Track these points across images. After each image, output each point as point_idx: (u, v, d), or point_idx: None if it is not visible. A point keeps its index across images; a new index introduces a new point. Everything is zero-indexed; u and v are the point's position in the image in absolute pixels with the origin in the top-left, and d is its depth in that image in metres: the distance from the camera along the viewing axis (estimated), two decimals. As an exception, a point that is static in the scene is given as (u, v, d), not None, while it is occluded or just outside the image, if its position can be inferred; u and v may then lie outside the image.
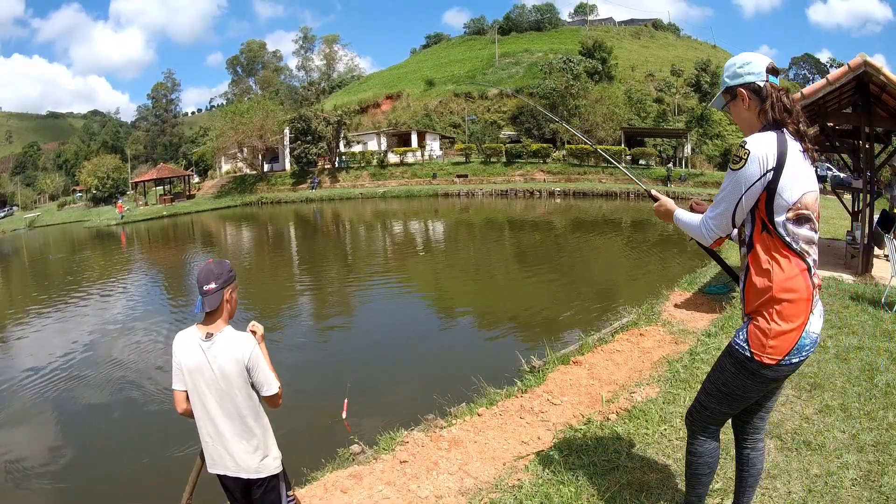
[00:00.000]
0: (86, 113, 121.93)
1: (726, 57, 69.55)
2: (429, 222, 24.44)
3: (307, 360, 7.47)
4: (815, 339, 1.82)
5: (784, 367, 1.81)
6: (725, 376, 1.91)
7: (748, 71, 1.86)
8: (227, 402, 2.16)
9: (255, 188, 40.29)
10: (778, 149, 1.75)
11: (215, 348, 2.12)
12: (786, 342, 1.77)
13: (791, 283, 1.77)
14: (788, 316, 1.77)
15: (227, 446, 2.20)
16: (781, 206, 1.76)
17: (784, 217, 1.76)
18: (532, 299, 9.82)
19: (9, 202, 60.84)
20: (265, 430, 2.30)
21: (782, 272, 1.77)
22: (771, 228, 1.79)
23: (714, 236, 1.89)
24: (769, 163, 1.74)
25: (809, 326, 1.78)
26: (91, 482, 4.74)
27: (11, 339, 9.53)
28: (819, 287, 1.83)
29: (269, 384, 2.21)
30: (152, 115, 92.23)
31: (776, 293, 1.77)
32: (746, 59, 1.89)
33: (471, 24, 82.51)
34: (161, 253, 20.78)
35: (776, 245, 1.79)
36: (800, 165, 1.77)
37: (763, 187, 1.76)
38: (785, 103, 1.81)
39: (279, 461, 2.35)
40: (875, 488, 2.35)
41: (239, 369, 2.13)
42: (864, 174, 6.78)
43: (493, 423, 4.16)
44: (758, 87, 1.84)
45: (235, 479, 2.24)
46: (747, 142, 1.78)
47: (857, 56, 5.86)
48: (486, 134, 40.59)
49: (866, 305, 5.04)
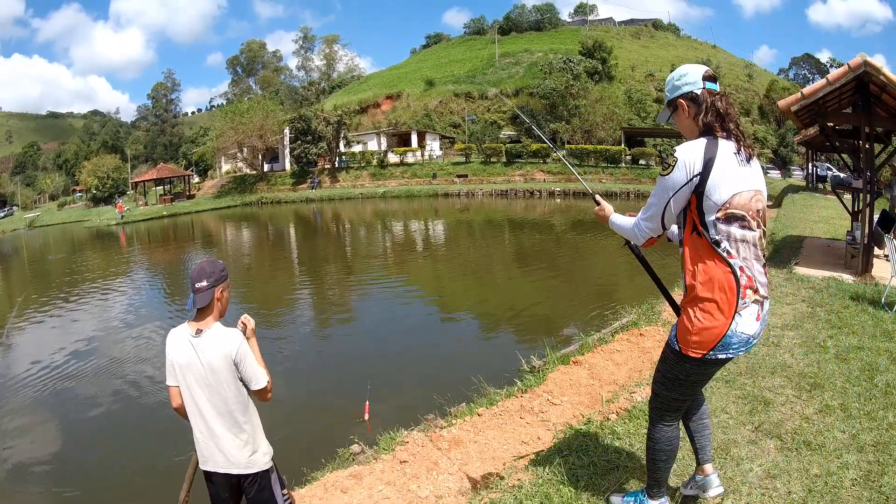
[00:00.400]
0: (86, 113, 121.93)
1: (727, 57, 69.81)
2: (429, 222, 24.44)
3: (306, 361, 7.47)
4: (745, 339, 1.87)
5: (711, 361, 1.91)
6: (668, 365, 2.03)
7: (685, 82, 1.96)
8: (216, 397, 2.20)
9: (255, 188, 40.29)
10: (705, 155, 1.83)
11: (204, 344, 2.17)
12: (709, 338, 1.86)
13: (713, 282, 1.85)
14: (710, 313, 1.85)
15: (218, 441, 2.23)
16: (710, 207, 1.84)
17: (714, 217, 1.84)
18: (532, 299, 9.82)
19: (9, 202, 60.82)
20: (254, 425, 2.32)
21: (706, 273, 1.86)
22: (700, 230, 1.88)
23: (646, 236, 2.01)
24: (696, 168, 1.83)
25: (736, 326, 1.84)
26: (89, 482, 4.73)
27: (11, 339, 9.53)
28: (755, 290, 1.86)
29: (256, 378, 2.24)
30: (152, 115, 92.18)
31: (699, 292, 1.87)
32: (683, 72, 1.98)
33: (471, 24, 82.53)
34: (161, 253, 20.78)
35: (703, 246, 1.88)
36: (731, 168, 1.84)
37: (691, 191, 1.85)
38: (718, 107, 1.90)
39: (269, 457, 2.37)
40: (875, 488, 2.35)
41: (227, 364, 2.17)
42: (864, 174, 6.77)
43: (493, 423, 4.16)
44: (695, 96, 1.93)
45: (226, 475, 2.27)
46: (677, 150, 1.88)
47: (857, 56, 5.86)
48: (486, 134, 40.58)
49: (866, 305, 5.03)
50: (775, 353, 3.99)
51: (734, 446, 2.73)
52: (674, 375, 2.01)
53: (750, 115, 52.42)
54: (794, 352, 4.01)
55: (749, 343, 1.90)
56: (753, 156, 1.92)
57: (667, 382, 2.05)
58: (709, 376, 2.05)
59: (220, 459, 2.23)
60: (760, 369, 3.71)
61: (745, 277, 1.85)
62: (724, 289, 1.84)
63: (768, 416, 3.04)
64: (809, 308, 5.11)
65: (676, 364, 1.99)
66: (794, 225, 11.40)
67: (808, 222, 11.84)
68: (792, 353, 3.99)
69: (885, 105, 6.79)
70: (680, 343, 1.94)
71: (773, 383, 3.47)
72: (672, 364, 2.01)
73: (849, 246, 7.30)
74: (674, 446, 2.14)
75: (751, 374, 3.65)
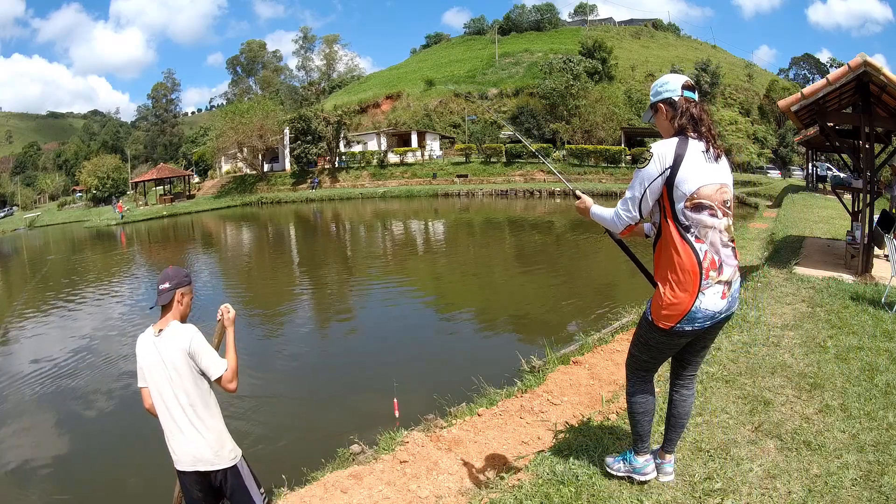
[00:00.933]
0: (86, 113, 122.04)
1: (727, 57, 69.78)
2: (429, 222, 24.44)
3: (306, 361, 7.46)
4: (710, 314, 2.11)
5: (678, 332, 2.16)
6: (642, 331, 2.32)
7: (666, 89, 2.22)
8: (180, 392, 2.31)
9: (255, 188, 40.30)
10: (676, 151, 2.09)
11: (163, 342, 2.31)
12: (676, 311, 2.12)
13: (682, 262, 2.10)
14: (678, 289, 2.10)
15: (185, 438, 2.34)
16: (679, 197, 2.09)
17: (682, 205, 2.09)
18: (532, 299, 9.82)
19: (9, 202, 60.84)
20: (219, 420, 2.42)
21: (676, 254, 2.11)
22: (671, 216, 2.13)
23: (624, 223, 2.25)
24: (667, 162, 2.09)
25: (700, 303, 2.09)
26: (83, 484, 4.73)
27: (11, 339, 9.53)
28: (720, 271, 2.10)
29: (213, 367, 2.32)
30: (152, 115, 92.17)
31: (669, 272, 2.14)
32: (666, 80, 2.25)
33: (471, 24, 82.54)
34: (161, 253, 20.77)
35: (675, 231, 2.12)
36: (699, 163, 2.09)
37: (663, 182, 2.11)
38: (692, 113, 2.15)
39: (236, 454, 2.45)
40: (875, 488, 2.35)
41: (184, 358, 2.29)
42: (864, 174, 6.76)
43: (493, 423, 4.16)
44: (673, 101, 2.19)
45: (195, 473, 2.36)
46: (652, 146, 2.15)
47: (858, 56, 5.85)
48: (486, 134, 40.59)
49: (866, 305, 5.03)
50: (775, 353, 3.98)
51: (734, 446, 2.73)
52: (645, 340, 2.30)
53: (750, 115, 52.43)
54: (794, 352, 4.01)
55: (715, 318, 2.14)
56: (721, 155, 2.16)
57: (640, 345, 2.34)
58: (678, 346, 2.27)
59: (188, 458, 2.34)
60: (760, 369, 3.71)
61: (709, 260, 2.09)
62: (687, 270, 2.09)
63: (768, 416, 3.04)
64: (809, 308, 5.11)
65: (648, 332, 2.26)
66: (794, 225, 11.39)
67: (808, 222, 11.83)
68: (792, 353, 3.99)
69: (885, 105, 6.79)
70: (653, 315, 2.21)
71: (773, 383, 3.47)
72: (645, 331, 2.29)
73: (849, 246, 7.30)
74: (650, 402, 2.40)
75: (751, 374, 3.65)
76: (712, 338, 2.33)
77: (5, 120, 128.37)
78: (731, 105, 53.36)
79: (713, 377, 3.62)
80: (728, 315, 2.20)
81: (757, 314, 4.99)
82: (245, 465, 2.48)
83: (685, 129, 2.15)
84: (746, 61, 72.99)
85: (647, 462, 2.47)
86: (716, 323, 2.17)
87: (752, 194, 25.09)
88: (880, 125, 7.29)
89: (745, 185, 29.03)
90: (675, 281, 2.11)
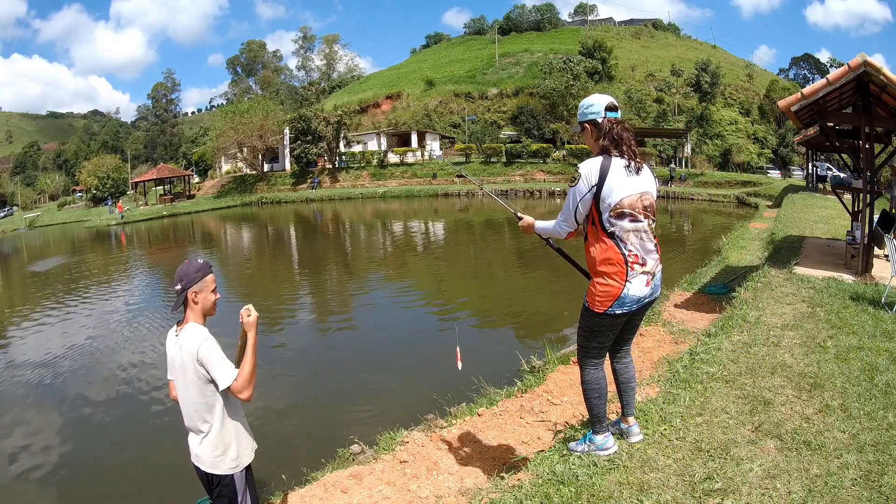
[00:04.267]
0: (86, 113, 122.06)
1: (726, 57, 69.79)
2: (429, 222, 24.44)
3: (306, 360, 7.46)
4: (636, 298, 2.52)
5: (611, 314, 2.54)
6: (584, 320, 2.67)
7: (591, 111, 2.56)
8: (186, 392, 2.33)
9: (255, 188, 40.28)
10: (600, 170, 2.45)
11: (180, 341, 2.31)
12: (608, 297, 2.50)
13: (607, 257, 2.49)
14: (607, 279, 2.50)
15: (189, 434, 2.38)
16: (605, 208, 2.46)
17: (608, 214, 2.47)
18: (532, 299, 9.82)
19: (9, 202, 60.82)
20: (223, 427, 2.34)
21: (602, 251, 2.51)
22: (597, 221, 2.50)
23: (565, 231, 2.64)
24: (593, 181, 2.45)
25: (628, 291, 2.48)
26: (85, 481, 4.73)
27: (11, 339, 9.53)
28: (643, 264, 2.49)
29: (220, 377, 2.24)
30: (152, 115, 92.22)
31: (600, 266, 2.52)
32: (591, 102, 2.58)
33: (471, 24, 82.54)
34: (160, 253, 20.77)
35: (598, 232, 2.52)
36: (621, 178, 2.45)
37: (592, 197, 2.48)
38: (614, 133, 2.48)
39: (237, 464, 2.38)
40: (875, 488, 2.35)
41: (192, 363, 2.25)
42: (864, 174, 6.76)
43: (493, 423, 4.16)
44: (597, 122, 2.54)
45: (198, 468, 2.37)
46: (580, 166, 2.50)
47: (858, 56, 5.85)
48: (486, 134, 40.55)
49: (866, 305, 5.02)
50: (775, 353, 3.98)
51: (734, 446, 2.73)
52: (589, 328, 2.65)
53: (750, 115, 52.43)
54: (794, 352, 4.00)
55: (640, 301, 2.55)
56: (642, 167, 2.52)
57: (585, 334, 2.68)
58: (616, 326, 2.63)
59: (191, 451, 2.38)
60: (760, 369, 3.71)
61: (633, 256, 2.48)
62: (615, 263, 2.48)
63: (768, 416, 3.04)
64: (809, 308, 5.11)
65: (589, 318, 2.62)
66: (794, 225, 11.39)
67: (808, 222, 11.83)
68: (792, 353, 3.98)
69: (885, 105, 6.79)
70: (589, 302, 2.59)
71: (773, 383, 3.47)
72: (586, 319, 2.64)
73: (849, 246, 7.30)
74: (602, 385, 2.72)
75: (751, 374, 3.65)
76: (640, 318, 2.75)
77: (5, 120, 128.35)
78: (731, 105, 53.35)
79: (713, 377, 3.62)
80: (652, 299, 2.62)
81: (757, 314, 4.98)
82: (242, 479, 2.40)
83: (608, 149, 2.48)
84: (746, 61, 73.00)
85: (606, 438, 2.78)
86: (641, 306, 2.58)
87: (752, 194, 25.08)
88: (880, 125, 7.29)
89: (745, 185, 29.01)
90: (606, 273, 2.50)
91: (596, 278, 2.54)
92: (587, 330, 2.66)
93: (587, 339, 2.69)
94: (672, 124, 45.27)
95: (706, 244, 13.35)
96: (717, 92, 51.63)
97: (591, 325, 2.63)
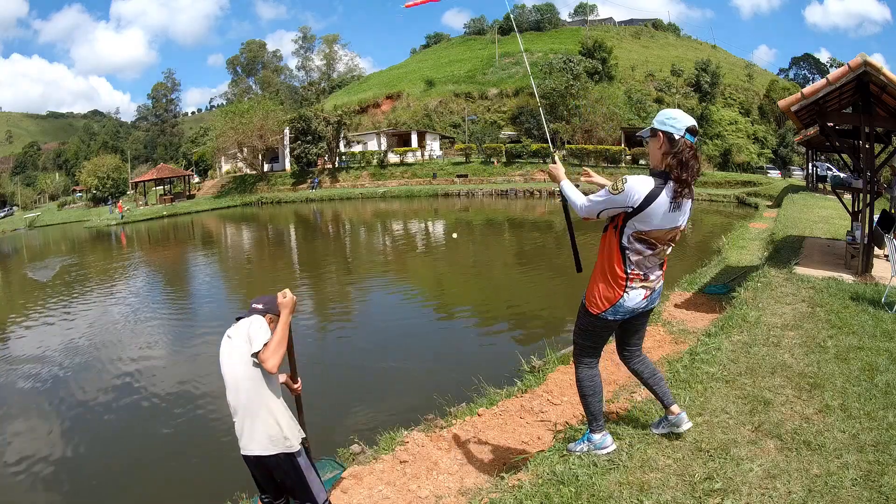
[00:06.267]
0: (86, 113, 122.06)
1: (726, 57, 69.75)
2: (429, 222, 24.43)
3: (305, 361, 7.44)
4: (630, 309, 2.56)
5: (602, 319, 2.60)
6: (581, 319, 2.72)
7: (672, 124, 2.40)
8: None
9: (255, 188, 40.27)
10: (646, 198, 2.35)
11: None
12: (605, 303, 2.56)
13: (611, 266, 2.52)
14: (608, 288, 2.54)
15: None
16: (631, 227, 2.44)
17: (630, 233, 2.45)
18: (532, 299, 9.82)
19: (9, 202, 60.79)
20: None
21: (610, 262, 2.53)
22: (618, 232, 2.48)
23: (583, 215, 2.58)
24: (635, 202, 2.36)
25: (625, 301, 2.52)
26: (87, 483, 4.73)
27: (11, 339, 9.53)
28: (644, 280, 2.51)
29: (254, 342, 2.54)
30: (152, 115, 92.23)
31: (605, 272, 2.56)
32: (674, 115, 2.43)
33: (471, 24, 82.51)
34: (161, 253, 20.77)
35: (615, 245, 2.50)
36: (660, 213, 2.38)
37: (621, 211, 2.43)
38: (684, 156, 2.35)
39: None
40: (875, 488, 2.35)
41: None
42: (864, 174, 6.76)
43: (493, 423, 4.16)
44: (673, 137, 2.39)
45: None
46: (628, 180, 2.37)
47: (858, 56, 5.84)
48: (486, 134, 40.53)
49: (866, 305, 5.02)
50: (775, 353, 3.98)
51: (734, 446, 2.73)
52: (584, 327, 2.70)
53: (750, 115, 52.44)
54: (794, 352, 4.00)
55: (634, 311, 2.59)
56: (687, 199, 2.44)
57: (581, 333, 2.73)
58: (610, 328, 2.68)
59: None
60: (760, 369, 3.71)
61: (634, 274, 2.50)
62: (618, 276, 2.51)
63: (768, 416, 3.04)
64: (809, 308, 5.11)
65: (585, 318, 2.67)
66: (794, 225, 11.39)
67: (808, 222, 11.83)
68: (792, 353, 3.98)
69: (885, 105, 6.78)
70: (587, 302, 2.64)
71: (773, 383, 3.47)
72: (582, 318, 2.70)
73: (849, 246, 7.29)
74: (596, 383, 2.76)
75: (751, 374, 3.65)
76: (642, 324, 2.78)
77: (5, 120, 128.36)
78: (731, 105, 53.36)
79: (713, 377, 3.62)
80: (649, 309, 2.68)
81: (757, 314, 4.98)
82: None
83: (669, 171, 2.37)
84: (746, 61, 73.01)
85: (604, 437, 2.78)
86: (636, 315, 2.63)
87: (752, 194, 25.09)
88: (880, 125, 7.28)
89: (745, 185, 29.01)
90: (608, 281, 2.54)
91: (599, 280, 2.58)
92: (582, 328, 2.72)
93: (582, 337, 2.75)
94: (672, 124, 45.17)
95: (706, 244, 13.35)
96: (717, 92, 51.66)
97: (585, 323, 2.69)
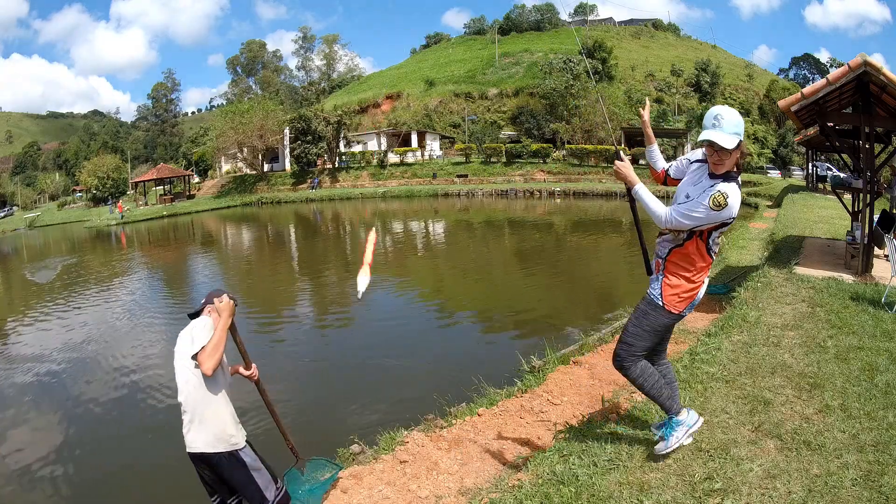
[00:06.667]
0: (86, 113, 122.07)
1: (726, 57, 69.78)
2: (429, 222, 24.43)
3: (304, 360, 7.46)
4: (700, 298, 2.64)
5: (680, 316, 2.65)
6: (649, 318, 2.64)
7: (740, 129, 2.48)
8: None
9: (255, 188, 40.26)
10: (739, 201, 2.49)
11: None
12: (689, 298, 2.59)
13: (700, 264, 2.57)
14: (690, 281, 2.58)
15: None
16: (722, 232, 2.56)
17: (718, 233, 2.55)
18: (532, 299, 9.81)
19: (9, 202, 60.78)
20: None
21: (702, 261, 2.57)
22: (706, 237, 2.54)
23: (670, 227, 2.55)
24: (734, 212, 2.45)
25: (700, 292, 2.62)
26: (82, 483, 4.73)
27: (11, 339, 9.53)
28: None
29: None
30: (152, 115, 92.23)
31: (686, 268, 2.57)
32: (741, 121, 2.51)
33: (471, 24, 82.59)
34: (160, 253, 20.77)
35: (703, 245, 2.56)
36: (739, 206, 2.49)
37: (720, 223, 2.49)
38: (743, 158, 2.56)
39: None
40: (875, 488, 2.35)
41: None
42: (864, 174, 6.76)
43: (493, 423, 4.16)
44: (741, 143, 2.49)
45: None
46: (728, 195, 2.41)
47: (858, 56, 5.84)
48: (486, 134, 40.52)
49: (866, 305, 5.02)
50: (775, 353, 3.98)
51: (734, 446, 2.73)
52: (652, 327, 2.64)
53: (750, 115, 52.39)
54: (794, 352, 4.00)
55: (698, 302, 2.68)
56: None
57: (643, 333, 2.65)
58: (672, 327, 2.77)
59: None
60: (760, 369, 3.71)
61: (710, 261, 2.60)
62: (702, 268, 2.58)
63: (768, 416, 3.04)
64: (809, 308, 5.11)
65: (657, 317, 2.62)
66: (794, 225, 11.39)
67: (808, 222, 11.82)
68: (792, 353, 3.98)
69: (885, 105, 6.78)
70: (666, 301, 2.59)
71: (773, 383, 3.47)
72: (653, 318, 2.63)
73: (849, 246, 7.29)
74: (654, 373, 2.69)
75: (751, 374, 3.65)
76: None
77: (5, 120, 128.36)
78: (731, 105, 53.19)
79: (713, 377, 3.62)
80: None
81: (757, 314, 4.98)
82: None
83: (738, 170, 2.53)
84: (746, 61, 73.05)
85: (689, 412, 2.72)
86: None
87: (752, 194, 25.08)
88: (880, 125, 7.28)
89: (745, 185, 28.93)
90: (691, 275, 2.57)
91: (677, 278, 2.58)
92: (648, 329, 2.63)
93: (642, 339, 2.65)
94: (672, 124, 45.26)
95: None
96: (717, 92, 51.67)
97: (657, 324, 2.63)
